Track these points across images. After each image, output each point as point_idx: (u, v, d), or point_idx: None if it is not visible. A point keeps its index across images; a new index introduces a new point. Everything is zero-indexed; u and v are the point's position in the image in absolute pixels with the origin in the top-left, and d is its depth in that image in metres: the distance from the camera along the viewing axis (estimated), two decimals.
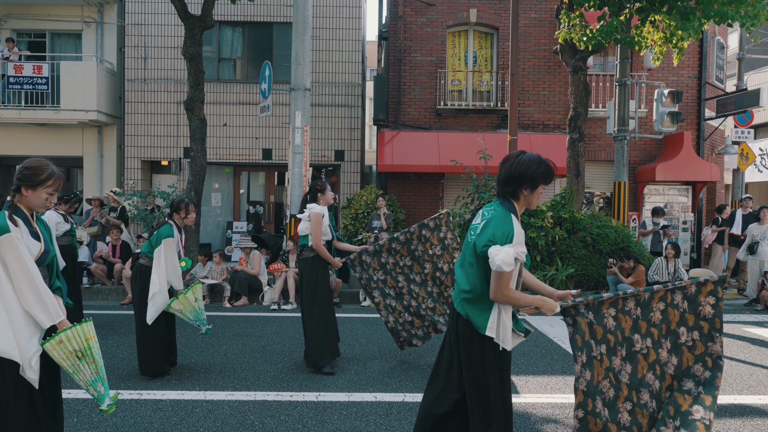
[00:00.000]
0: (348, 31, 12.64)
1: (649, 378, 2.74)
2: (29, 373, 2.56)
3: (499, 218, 2.52)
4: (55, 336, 2.59)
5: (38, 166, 2.69)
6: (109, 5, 12.61)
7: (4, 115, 11.69)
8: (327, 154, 12.63)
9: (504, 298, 2.50)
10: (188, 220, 4.91)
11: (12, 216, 2.62)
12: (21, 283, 2.55)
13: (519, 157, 2.58)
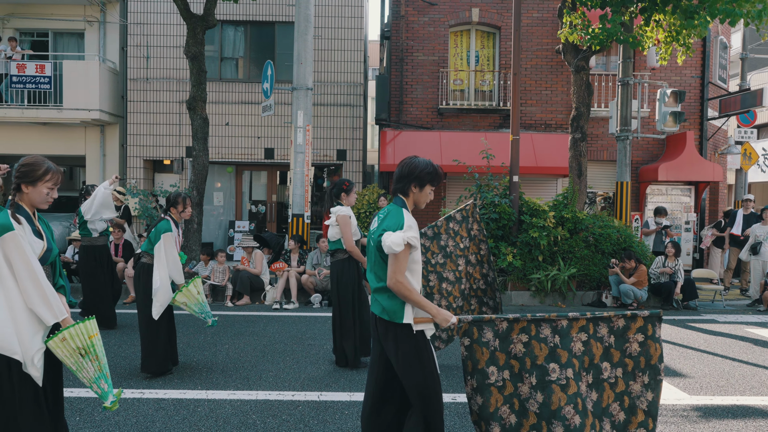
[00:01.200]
0: (350, 30, 12.64)
1: (567, 411, 2.59)
2: (32, 370, 2.57)
3: (390, 213, 2.78)
4: (58, 333, 2.60)
5: (35, 162, 2.70)
6: (111, 4, 12.63)
7: (7, 114, 11.71)
8: (329, 154, 12.64)
9: (399, 285, 2.63)
10: (185, 214, 4.93)
11: (15, 214, 2.63)
12: (25, 280, 2.56)
13: (411, 159, 2.87)
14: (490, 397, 2.67)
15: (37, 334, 2.60)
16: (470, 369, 2.71)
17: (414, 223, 2.76)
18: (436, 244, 4.77)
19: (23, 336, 2.56)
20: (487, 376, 2.69)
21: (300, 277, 8.31)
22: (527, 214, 8.53)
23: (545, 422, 2.61)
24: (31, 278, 2.57)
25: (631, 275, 8.18)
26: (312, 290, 8.34)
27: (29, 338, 2.57)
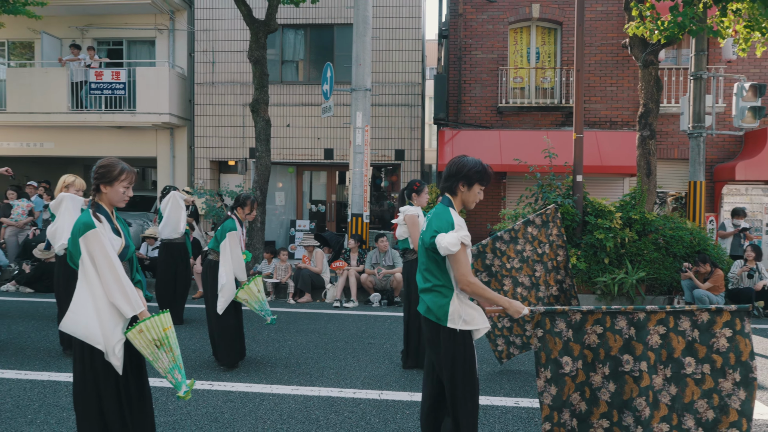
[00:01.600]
0: (408, 30, 12.64)
1: (639, 403, 2.60)
2: (113, 359, 2.73)
3: (438, 213, 2.76)
4: (135, 326, 2.74)
5: (110, 164, 2.86)
6: (179, 12, 13.20)
7: (87, 119, 12.46)
8: (387, 154, 12.69)
9: (471, 286, 2.65)
10: (250, 216, 5.13)
11: (96, 213, 2.79)
12: (106, 275, 2.72)
13: (459, 158, 2.84)
14: (564, 386, 2.70)
15: (118, 326, 2.76)
16: (543, 360, 2.72)
17: (462, 222, 2.75)
18: (512, 249, 4.64)
19: (105, 327, 2.71)
20: (561, 365, 2.70)
21: (359, 276, 8.38)
22: (592, 215, 8.25)
23: (616, 411, 2.62)
24: (111, 273, 2.72)
25: (706, 280, 7.74)
26: (371, 289, 8.40)
27: (111, 329, 2.72)
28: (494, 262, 4.68)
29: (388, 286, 8.34)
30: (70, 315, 2.73)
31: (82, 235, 2.71)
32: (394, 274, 8.24)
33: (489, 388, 4.57)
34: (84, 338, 2.72)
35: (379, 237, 8.49)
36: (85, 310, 2.72)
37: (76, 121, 12.55)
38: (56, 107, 12.40)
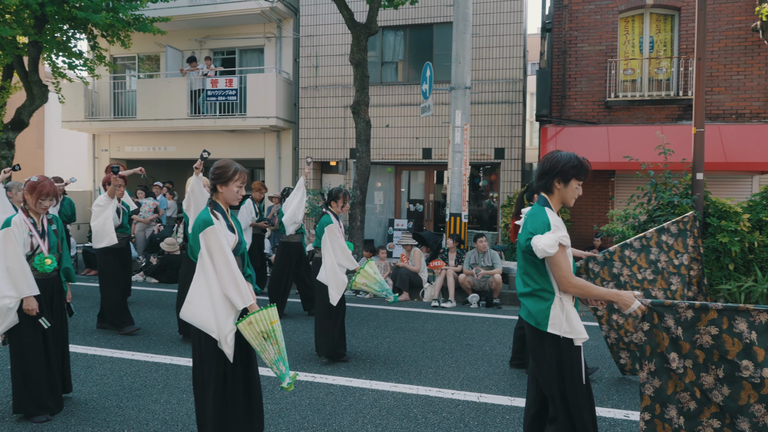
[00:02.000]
0: (509, 25, 12.33)
1: (757, 410, 2.40)
2: (225, 348, 2.93)
3: (533, 214, 2.66)
4: (246, 317, 2.91)
5: (225, 165, 3.07)
6: (286, 20, 13.85)
7: (204, 124, 13.46)
8: (486, 152, 12.47)
9: (573, 287, 2.54)
10: (344, 209, 5.27)
11: (213, 211, 3.01)
12: (221, 269, 2.92)
13: (552, 154, 2.73)
14: (668, 380, 2.56)
15: (230, 317, 2.95)
16: (648, 353, 2.58)
17: (559, 221, 2.63)
18: (644, 258, 4.29)
19: (219, 317, 2.92)
20: (668, 360, 2.55)
21: (457, 276, 8.31)
22: (714, 216, 7.54)
23: (729, 414, 2.46)
24: (226, 267, 2.92)
25: None
26: (469, 290, 8.29)
27: (224, 319, 2.92)
28: (623, 272, 4.35)
29: (486, 287, 8.19)
30: (188, 305, 2.97)
31: (202, 231, 2.93)
32: (493, 275, 8.07)
33: (596, 398, 4.33)
34: (200, 326, 2.94)
35: (478, 237, 8.36)
36: (202, 300, 2.94)
37: (194, 126, 13.60)
38: (177, 114, 13.51)
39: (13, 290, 3.58)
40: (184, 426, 3.66)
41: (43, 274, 3.81)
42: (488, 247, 8.42)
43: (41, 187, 3.76)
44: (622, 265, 4.34)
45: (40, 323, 3.72)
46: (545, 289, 2.64)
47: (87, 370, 4.73)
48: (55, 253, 3.90)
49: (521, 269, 2.77)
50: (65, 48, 12.07)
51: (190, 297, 2.98)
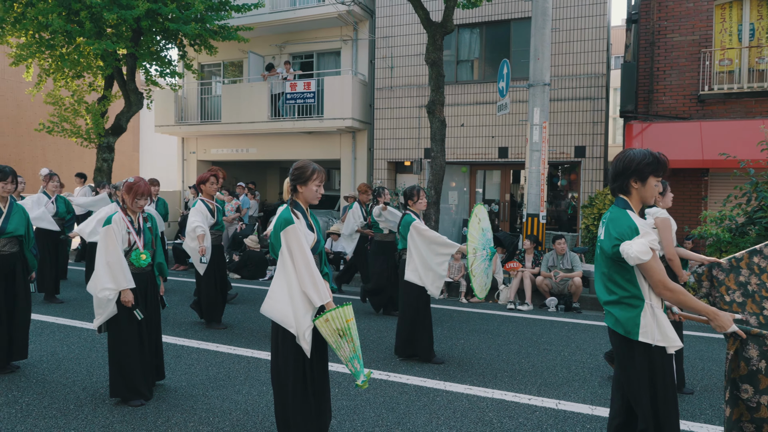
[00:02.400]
0: (591, 18, 11.82)
1: None
2: (303, 343, 3.01)
3: (616, 218, 2.52)
4: (322, 315, 2.98)
5: (303, 165, 3.15)
6: (362, 23, 14.04)
7: (283, 126, 13.93)
8: (566, 151, 12.03)
9: (669, 291, 2.42)
10: (420, 204, 5.24)
11: (294, 210, 3.10)
12: (300, 266, 3.01)
13: (624, 153, 2.59)
14: (734, 408, 2.43)
15: (308, 313, 3.03)
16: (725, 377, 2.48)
17: (645, 224, 2.50)
18: (733, 279, 3.97)
19: (297, 313, 3.00)
20: (738, 389, 2.42)
21: (534, 279, 8.08)
22: None
23: None
24: (305, 265, 3.00)
25: None
26: (547, 293, 8.04)
27: (302, 316, 3.01)
28: (751, 280, 3.96)
29: (565, 290, 7.90)
30: (269, 300, 3.09)
31: (283, 229, 3.03)
32: (573, 278, 7.77)
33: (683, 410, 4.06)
34: (279, 321, 3.04)
35: (557, 238, 8.08)
36: (281, 296, 3.04)
37: (274, 128, 14.11)
38: (258, 117, 14.07)
39: (112, 283, 3.84)
40: (264, 417, 3.80)
41: (139, 269, 4.06)
42: (567, 249, 8.12)
43: (137, 187, 4.03)
44: (750, 273, 3.88)
45: (135, 315, 3.97)
46: (635, 295, 2.50)
47: (176, 360, 5.02)
48: (149, 249, 4.15)
49: (604, 276, 2.63)
50: (158, 58, 12.91)
51: (271, 293, 3.08)
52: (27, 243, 4.79)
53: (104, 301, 3.87)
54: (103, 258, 3.87)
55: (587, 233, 10.07)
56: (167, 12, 11.01)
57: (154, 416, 3.78)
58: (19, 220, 4.72)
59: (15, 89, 20.46)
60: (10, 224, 4.64)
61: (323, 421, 3.23)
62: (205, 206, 6.20)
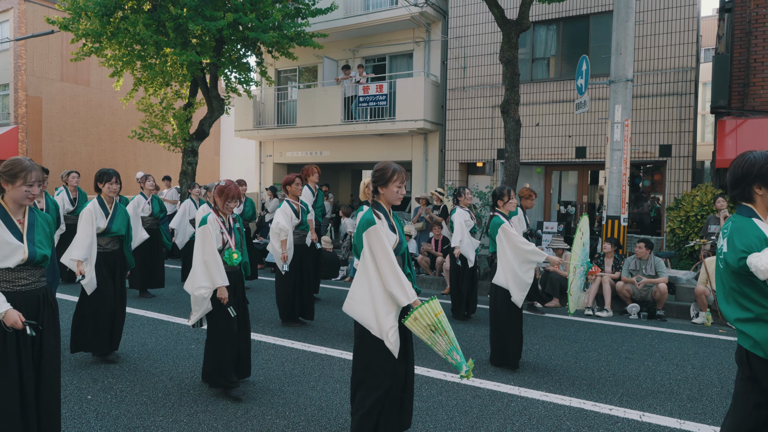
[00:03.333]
0: (679, 9, 11.13)
1: None
2: (388, 344, 2.98)
3: (741, 228, 2.30)
4: (410, 314, 2.94)
5: (384, 167, 3.15)
6: (435, 24, 14.00)
7: (356, 129, 14.14)
8: (650, 150, 11.40)
9: None
10: (509, 205, 5.11)
11: (376, 211, 3.11)
12: (384, 267, 2.99)
13: (743, 157, 2.41)
14: None
15: (390, 314, 3.00)
16: None
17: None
18: None
19: (379, 314, 2.99)
20: None
21: (615, 284, 7.71)
22: None
23: None
24: (389, 265, 2.98)
25: None
26: (628, 299, 7.64)
27: (383, 316, 2.99)
28: None
29: (649, 296, 7.47)
30: (350, 300, 3.10)
31: (365, 230, 3.04)
32: (657, 284, 7.34)
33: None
34: (361, 322, 3.06)
35: (640, 242, 7.67)
36: (362, 296, 3.05)
37: (347, 131, 14.35)
38: (332, 120, 14.36)
39: (208, 281, 3.99)
40: (338, 414, 3.86)
41: (230, 267, 4.21)
42: (652, 254, 7.69)
43: (228, 190, 4.18)
44: None
45: (228, 312, 4.10)
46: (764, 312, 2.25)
47: (254, 355, 5.21)
48: (239, 248, 4.29)
49: (733, 291, 2.37)
50: (238, 65, 13.50)
51: (353, 293, 3.10)
52: (126, 242, 5.11)
53: (200, 298, 4.02)
54: (200, 257, 4.02)
55: (672, 237, 9.48)
56: (247, 21, 11.48)
57: (234, 408, 3.94)
58: (122, 221, 5.05)
59: (111, 99, 22.11)
60: (114, 224, 4.98)
61: (405, 422, 3.21)
62: (290, 207, 6.31)
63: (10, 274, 2.80)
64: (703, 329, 6.78)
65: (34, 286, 2.88)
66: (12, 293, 2.79)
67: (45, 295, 2.95)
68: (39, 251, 2.86)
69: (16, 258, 2.77)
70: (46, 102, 20.82)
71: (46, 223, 3.00)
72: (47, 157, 20.62)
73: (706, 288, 7.19)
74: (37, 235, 2.90)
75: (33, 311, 2.85)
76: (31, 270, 2.87)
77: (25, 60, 20.17)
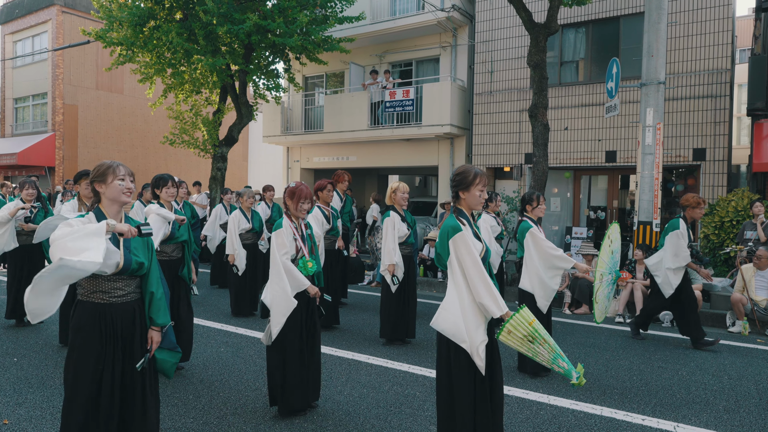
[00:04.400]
0: (713, 9, 10.87)
1: None
2: (476, 359, 2.80)
3: None
4: (503, 327, 2.79)
5: (465, 170, 2.98)
6: (461, 29, 13.96)
7: (382, 134, 14.18)
8: (683, 154, 11.14)
9: None
10: (540, 209, 5.05)
11: (459, 218, 2.94)
12: (474, 277, 2.81)
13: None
14: None
15: (480, 327, 2.83)
16: None
17: None
18: None
19: (470, 327, 2.81)
20: None
21: (646, 291, 7.53)
22: None
23: None
24: (478, 274, 2.80)
25: None
26: None
27: (474, 330, 2.81)
28: None
29: None
30: (442, 312, 2.89)
31: (451, 237, 2.85)
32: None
33: (763, 428, 3.57)
34: (451, 336, 2.84)
35: None
36: (453, 309, 2.84)
37: (373, 136, 14.39)
38: (359, 125, 14.43)
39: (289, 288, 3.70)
40: (365, 419, 3.86)
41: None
42: None
43: (299, 191, 3.84)
44: None
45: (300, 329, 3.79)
46: None
47: None
48: (313, 256, 3.93)
49: None
50: (267, 72, 13.69)
51: (445, 305, 2.90)
52: (189, 248, 4.89)
53: (279, 316, 3.71)
54: (278, 264, 3.73)
55: (707, 243, 9.23)
56: (275, 27, 11.64)
57: (263, 411, 3.97)
58: (184, 226, 4.85)
59: (143, 106, 22.67)
60: (177, 230, 4.78)
61: None
62: (321, 213, 6.35)
63: (106, 284, 2.67)
64: (740, 338, 6.57)
65: (129, 297, 2.76)
66: (106, 305, 2.67)
67: (140, 309, 2.82)
68: (135, 258, 2.72)
69: (110, 263, 2.62)
70: (81, 110, 21.47)
71: None
72: (82, 164, 21.24)
73: (743, 296, 6.97)
74: (133, 241, 2.76)
75: (128, 325, 2.74)
76: (126, 280, 2.73)
77: (62, 69, 20.85)
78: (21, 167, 21.11)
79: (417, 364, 5.15)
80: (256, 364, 5.10)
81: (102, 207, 2.75)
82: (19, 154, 20.15)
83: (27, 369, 4.82)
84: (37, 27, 21.82)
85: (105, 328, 2.68)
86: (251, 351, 5.53)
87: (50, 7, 20.93)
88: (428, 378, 4.71)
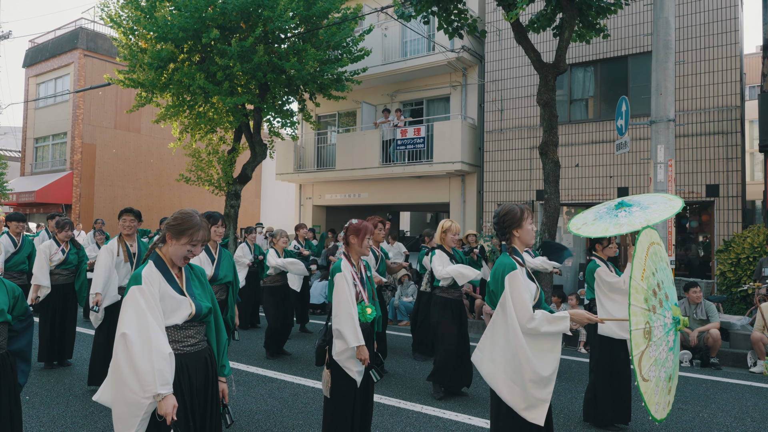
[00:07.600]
0: (721, 48, 11.01)
1: None
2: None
3: None
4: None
5: (510, 209, 2.95)
6: (471, 68, 14.23)
7: (393, 171, 14.31)
8: (696, 190, 11.10)
9: None
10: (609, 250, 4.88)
11: (515, 257, 2.84)
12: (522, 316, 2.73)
13: None
14: None
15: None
16: None
17: None
18: None
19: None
20: None
21: None
22: None
23: None
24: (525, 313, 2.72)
25: None
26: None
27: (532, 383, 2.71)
28: None
29: (701, 343, 7.13)
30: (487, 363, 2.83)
31: (508, 273, 2.77)
32: (709, 330, 7.01)
33: None
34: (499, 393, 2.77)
35: (691, 286, 7.38)
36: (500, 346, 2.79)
37: (384, 173, 14.54)
38: (371, 163, 14.59)
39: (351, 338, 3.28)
40: None
41: (363, 324, 3.42)
42: (703, 298, 7.38)
43: (365, 227, 3.54)
44: None
45: (371, 375, 3.43)
46: None
47: (277, 392, 5.17)
48: (372, 301, 3.55)
49: None
50: (281, 111, 13.99)
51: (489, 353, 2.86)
52: (234, 289, 4.62)
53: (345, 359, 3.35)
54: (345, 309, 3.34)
55: (723, 280, 9.09)
56: (289, 67, 11.96)
57: None
58: (228, 266, 4.63)
59: (159, 144, 23.17)
60: (221, 270, 4.55)
61: None
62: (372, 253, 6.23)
63: (178, 333, 2.50)
64: (762, 379, 6.39)
65: (201, 345, 2.59)
66: (181, 355, 2.47)
67: (211, 357, 2.64)
68: (204, 304, 2.58)
69: (182, 313, 2.49)
70: (99, 149, 21.97)
71: (202, 275, 2.74)
72: (99, 201, 21.59)
73: (764, 335, 6.82)
74: (195, 288, 2.62)
75: (201, 376, 2.55)
76: (197, 327, 2.57)
77: (82, 110, 21.46)
78: (39, 204, 21.50)
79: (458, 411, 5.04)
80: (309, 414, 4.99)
81: (161, 254, 2.59)
82: (38, 192, 20.57)
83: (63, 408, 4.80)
84: (60, 69, 22.60)
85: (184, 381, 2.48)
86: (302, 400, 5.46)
87: (73, 50, 21.72)
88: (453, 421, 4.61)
